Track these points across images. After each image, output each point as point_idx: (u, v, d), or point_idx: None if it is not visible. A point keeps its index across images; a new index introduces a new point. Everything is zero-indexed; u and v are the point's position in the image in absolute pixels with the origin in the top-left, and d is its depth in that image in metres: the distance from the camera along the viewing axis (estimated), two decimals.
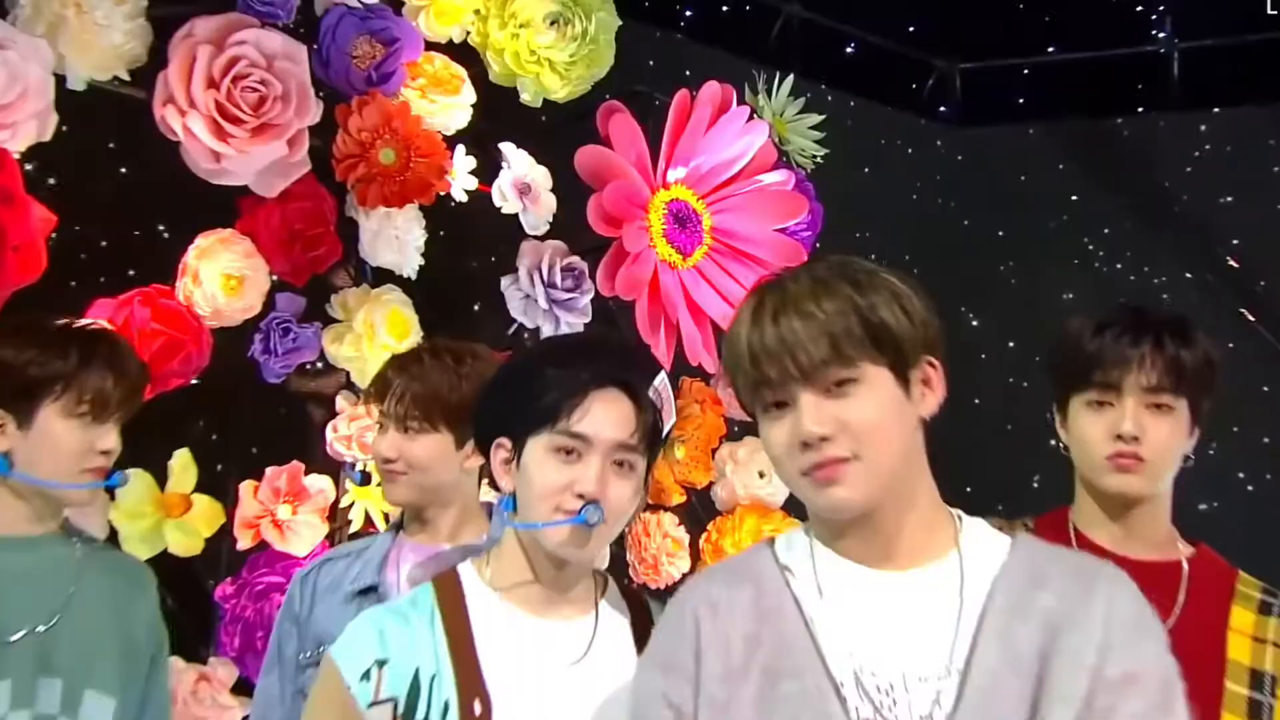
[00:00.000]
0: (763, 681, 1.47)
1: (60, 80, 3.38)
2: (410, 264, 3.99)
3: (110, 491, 2.77)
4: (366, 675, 1.79)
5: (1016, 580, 1.45)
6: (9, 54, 3.24)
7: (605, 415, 1.76)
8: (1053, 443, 2.21)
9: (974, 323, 5.96)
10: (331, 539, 3.70)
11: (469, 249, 4.30)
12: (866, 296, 1.45)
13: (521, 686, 1.80)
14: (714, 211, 4.18)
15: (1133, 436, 2.08)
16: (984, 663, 1.39)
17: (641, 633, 1.75)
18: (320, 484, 3.68)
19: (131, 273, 3.82)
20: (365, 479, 3.76)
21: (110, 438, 2.30)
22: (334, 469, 3.72)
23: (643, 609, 1.90)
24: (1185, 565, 2.13)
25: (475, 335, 3.39)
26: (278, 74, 3.60)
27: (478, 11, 4.14)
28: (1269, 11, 5.53)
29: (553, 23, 4.16)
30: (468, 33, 4.16)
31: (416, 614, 1.86)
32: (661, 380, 1.88)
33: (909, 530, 1.47)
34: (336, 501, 3.80)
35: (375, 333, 3.75)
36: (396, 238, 3.95)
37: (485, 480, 2.49)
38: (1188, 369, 2.02)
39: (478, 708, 1.77)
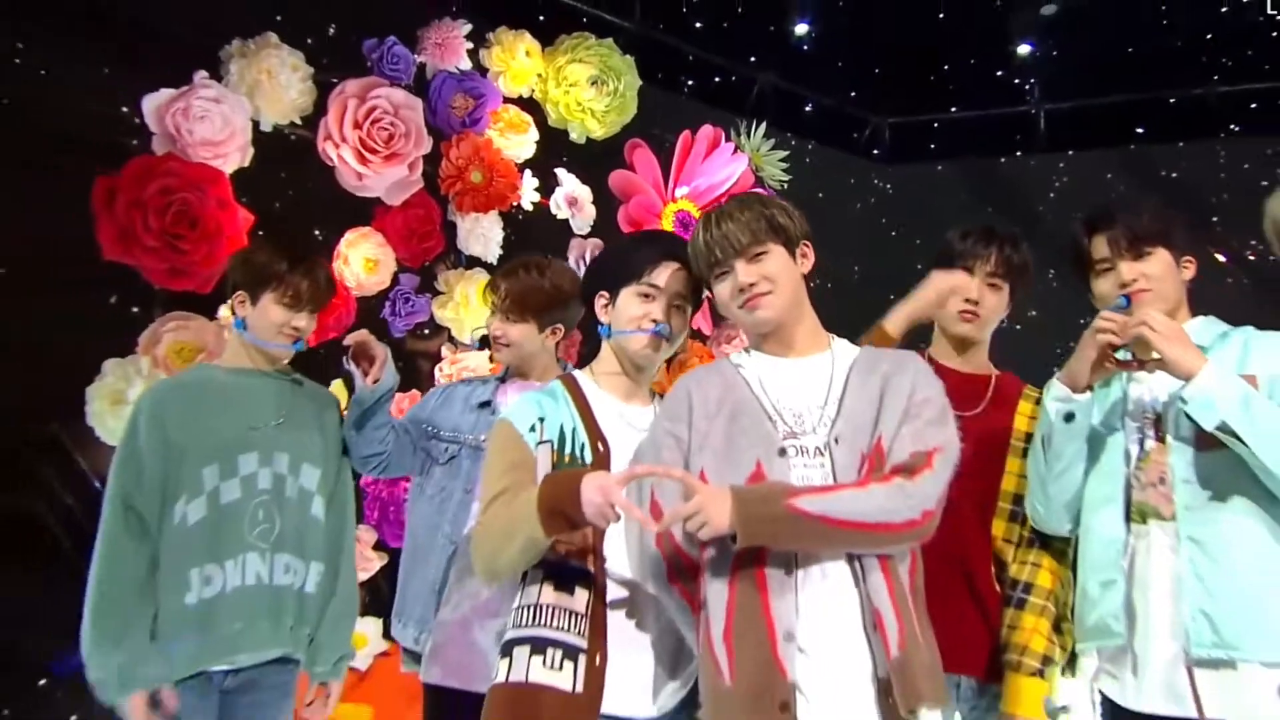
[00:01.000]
0: (728, 419, 1.95)
1: (255, 124, 3.87)
2: (492, 253, 4.45)
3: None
4: (533, 427, 2.08)
5: (864, 362, 1.97)
6: (223, 106, 3.77)
7: (668, 275, 2.12)
8: None
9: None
10: None
11: (533, 244, 4.44)
12: (768, 208, 2.01)
13: (619, 437, 2.11)
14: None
15: (975, 301, 2.48)
16: (849, 398, 1.93)
17: None
18: None
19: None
20: (483, 344, 4.12)
21: (301, 320, 2.61)
22: None
23: None
24: (993, 379, 2.50)
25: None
26: (402, 119, 4.10)
27: (540, 75, 4.63)
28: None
29: (593, 83, 4.65)
30: (533, 90, 4.64)
31: (554, 395, 2.15)
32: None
33: (800, 336, 2.00)
34: None
35: (469, 302, 4.26)
36: (483, 235, 4.44)
37: (557, 353, 2.83)
38: (1014, 265, 2.44)
39: (600, 447, 2.08)
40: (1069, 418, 2.05)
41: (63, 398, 3.82)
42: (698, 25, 5.71)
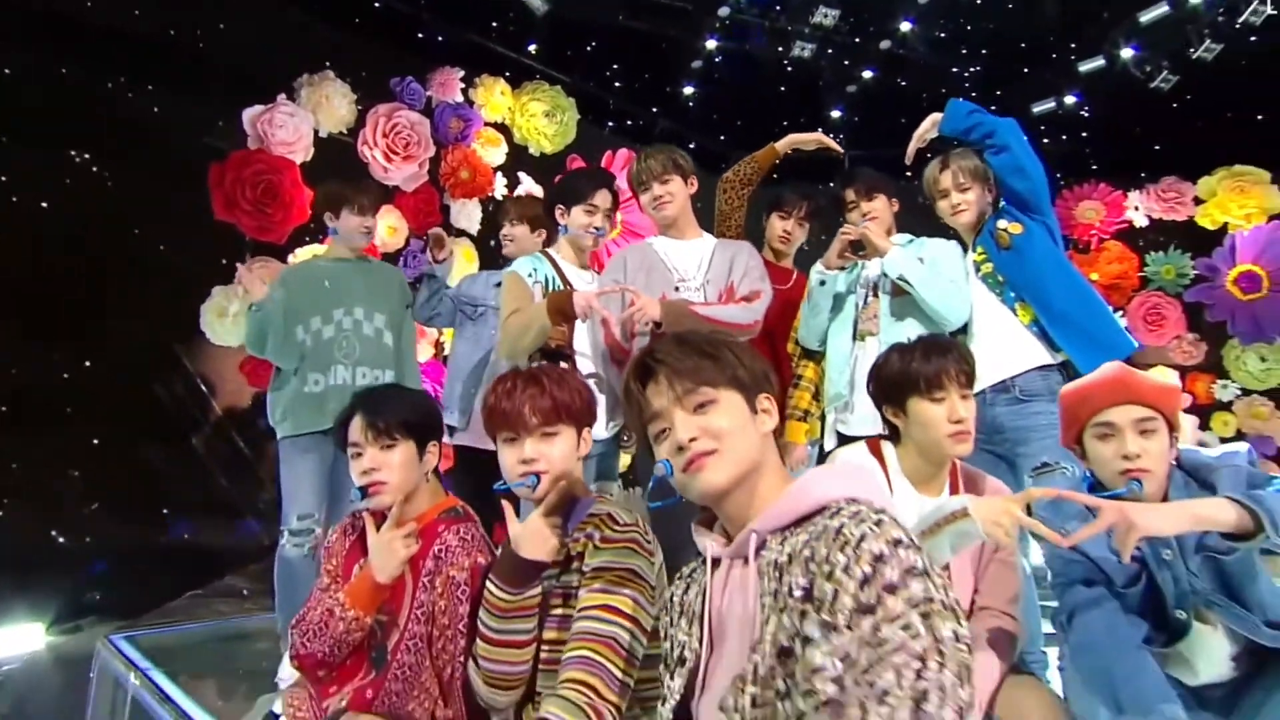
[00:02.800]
0: (646, 271, 2.32)
1: (315, 132, 4.27)
2: (474, 227, 4.83)
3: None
4: (530, 275, 2.45)
5: (721, 245, 2.36)
6: (295, 119, 4.18)
7: (603, 196, 2.50)
8: None
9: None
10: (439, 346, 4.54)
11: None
12: (674, 155, 2.34)
13: (575, 282, 2.43)
14: (624, 212, 4.36)
15: (789, 233, 2.91)
16: (714, 262, 2.31)
17: None
18: (432, 333, 4.51)
19: None
20: None
21: (370, 221, 2.94)
22: None
23: None
24: (794, 273, 2.84)
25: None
26: (415, 132, 4.52)
27: (510, 108, 5.02)
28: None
29: (547, 115, 5.07)
30: (504, 118, 5.02)
31: (539, 260, 2.46)
32: None
33: (688, 230, 2.40)
34: (440, 340, 4.61)
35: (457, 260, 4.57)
36: (468, 214, 4.82)
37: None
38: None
39: (566, 285, 2.33)
40: (822, 283, 2.66)
41: (185, 311, 4.22)
42: (617, 85, 6.16)
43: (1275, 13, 5.26)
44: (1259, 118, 6.80)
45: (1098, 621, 1.52)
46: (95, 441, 4.13)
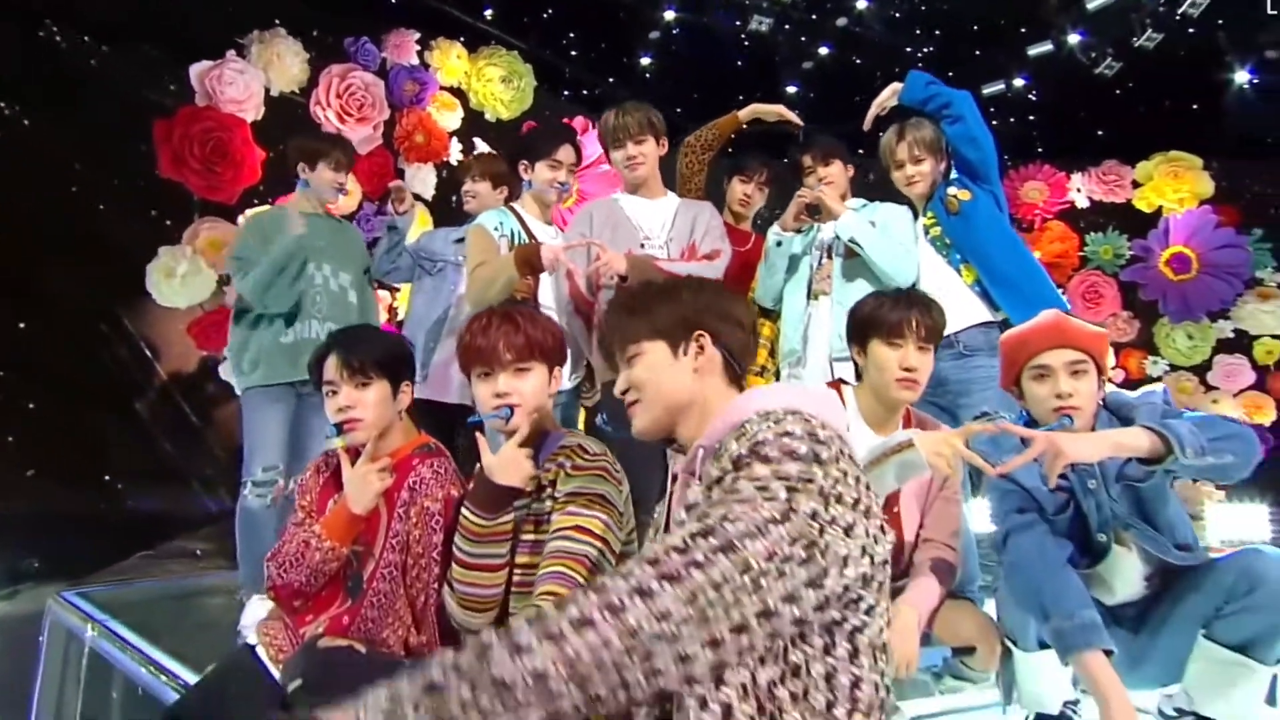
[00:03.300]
0: (612, 228, 2.39)
1: (267, 91, 4.24)
2: (428, 192, 4.83)
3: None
4: (496, 228, 2.57)
5: (684, 205, 2.46)
6: (246, 76, 4.14)
7: (565, 152, 2.65)
8: None
9: None
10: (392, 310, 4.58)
11: (455, 186, 4.10)
12: (649, 113, 2.44)
13: (539, 236, 2.53)
14: (580, 180, 4.43)
15: (747, 199, 3.07)
16: (678, 221, 2.42)
17: None
18: (385, 297, 4.47)
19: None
20: None
21: (342, 179, 3.02)
22: None
23: None
24: (753, 236, 2.97)
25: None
26: (370, 94, 4.52)
27: (466, 73, 5.02)
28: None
29: (503, 81, 5.07)
30: (460, 83, 5.02)
31: (505, 214, 2.58)
32: None
33: (654, 189, 2.49)
34: (393, 305, 4.62)
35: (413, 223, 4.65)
36: (423, 179, 4.83)
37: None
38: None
39: (530, 239, 2.46)
40: (779, 244, 2.80)
41: (127, 272, 4.15)
42: (573, 53, 6.22)
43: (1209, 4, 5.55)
44: (1194, 107, 7.19)
45: (1029, 543, 1.70)
46: (31, 406, 4.08)
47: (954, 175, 2.76)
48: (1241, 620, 1.60)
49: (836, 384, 2.05)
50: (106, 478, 4.38)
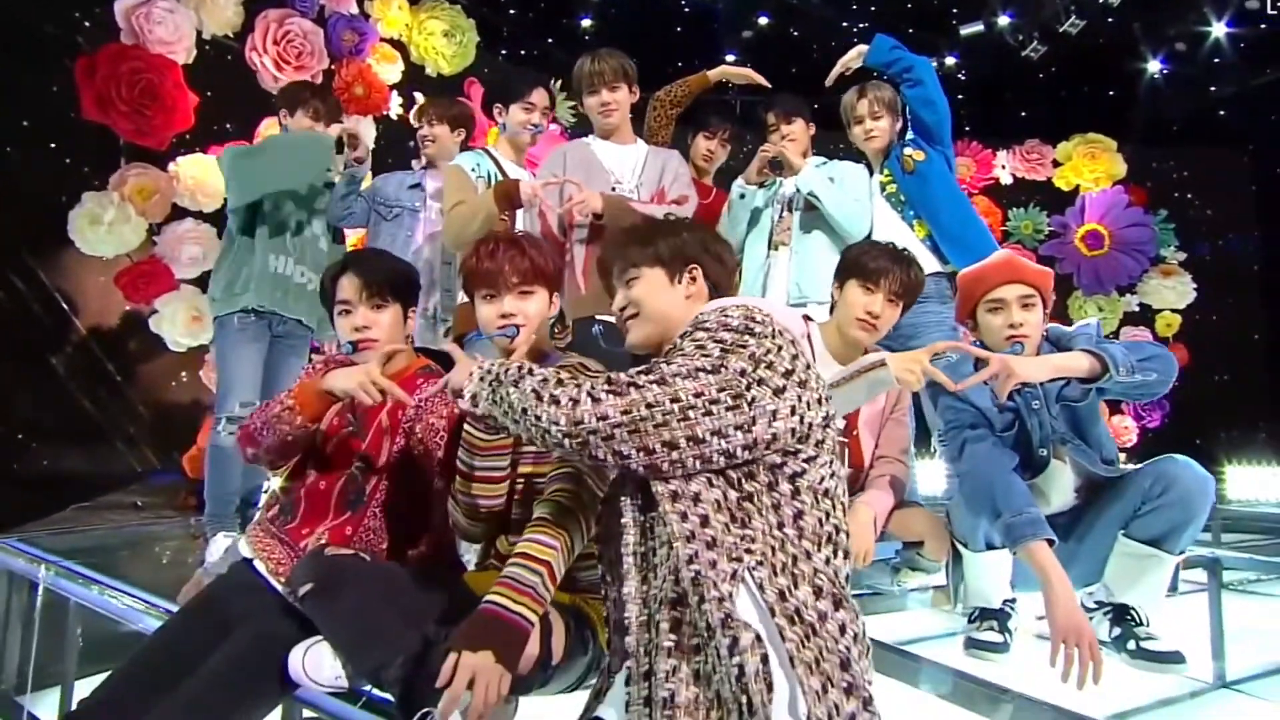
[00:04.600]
0: (585, 170, 2.48)
1: (198, 33, 4.18)
2: (369, 140, 4.60)
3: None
4: (473, 169, 2.67)
5: (653, 152, 2.61)
6: (176, 16, 4.06)
7: (539, 95, 2.81)
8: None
9: None
10: None
11: (395, 141, 4.85)
12: (624, 62, 2.56)
13: (514, 176, 2.59)
14: None
15: (710, 155, 3.24)
16: (647, 167, 2.54)
17: None
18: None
19: (229, 127, 4.60)
20: None
21: (318, 128, 3.03)
22: None
23: None
24: (714, 190, 3.16)
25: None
26: (309, 41, 4.48)
27: (407, 25, 5.05)
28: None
29: (445, 35, 5.10)
30: (401, 35, 5.05)
31: (480, 156, 2.70)
32: None
33: (625, 136, 2.61)
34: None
35: None
36: (363, 129, 4.53)
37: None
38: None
39: (505, 178, 2.60)
40: (742, 196, 3.00)
41: (40, 219, 4.14)
42: (512, 11, 6.32)
43: None
44: (1110, 92, 7.78)
45: (981, 451, 1.98)
46: None
47: (910, 136, 3.01)
48: (1156, 517, 1.90)
49: (806, 317, 2.27)
50: (20, 436, 4.31)
